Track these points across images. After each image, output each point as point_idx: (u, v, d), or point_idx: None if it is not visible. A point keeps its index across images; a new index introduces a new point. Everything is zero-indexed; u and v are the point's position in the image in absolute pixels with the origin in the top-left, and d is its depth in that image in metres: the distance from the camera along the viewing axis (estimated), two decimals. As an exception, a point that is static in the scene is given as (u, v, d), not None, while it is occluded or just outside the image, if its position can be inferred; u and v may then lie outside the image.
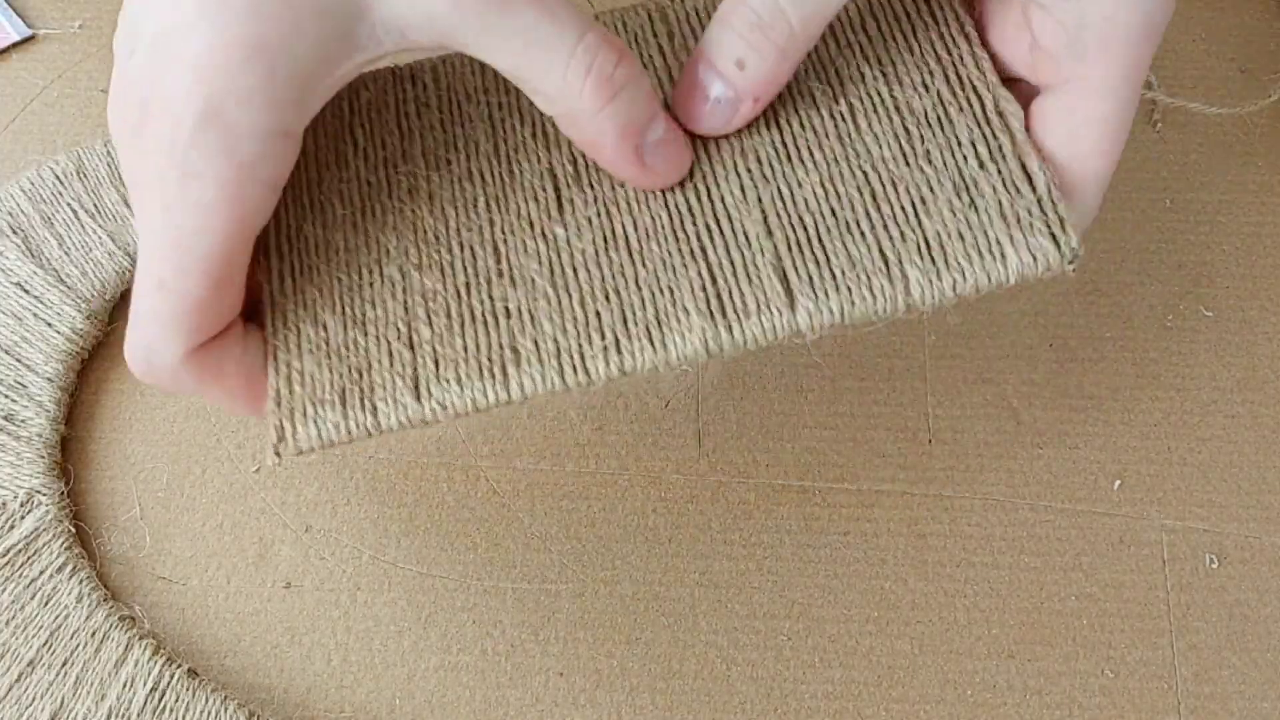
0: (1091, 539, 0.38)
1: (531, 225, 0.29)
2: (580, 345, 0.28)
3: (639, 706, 0.35)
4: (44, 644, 0.34)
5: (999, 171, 0.29)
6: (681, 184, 0.29)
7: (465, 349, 0.28)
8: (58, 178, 0.41)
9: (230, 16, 0.23)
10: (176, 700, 0.34)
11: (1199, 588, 0.37)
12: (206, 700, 0.34)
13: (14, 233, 0.40)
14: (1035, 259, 0.28)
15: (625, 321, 0.28)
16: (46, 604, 0.35)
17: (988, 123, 0.29)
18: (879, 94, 0.30)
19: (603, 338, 0.28)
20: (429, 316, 0.28)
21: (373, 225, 0.29)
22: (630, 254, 0.29)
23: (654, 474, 0.39)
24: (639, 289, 0.28)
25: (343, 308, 0.28)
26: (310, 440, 0.27)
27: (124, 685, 0.34)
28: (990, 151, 0.29)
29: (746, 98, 0.27)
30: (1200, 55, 0.51)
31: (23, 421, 0.37)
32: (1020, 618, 0.36)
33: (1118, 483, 0.39)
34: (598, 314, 0.28)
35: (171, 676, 0.34)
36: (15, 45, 0.48)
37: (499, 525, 0.38)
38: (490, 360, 0.28)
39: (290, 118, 0.25)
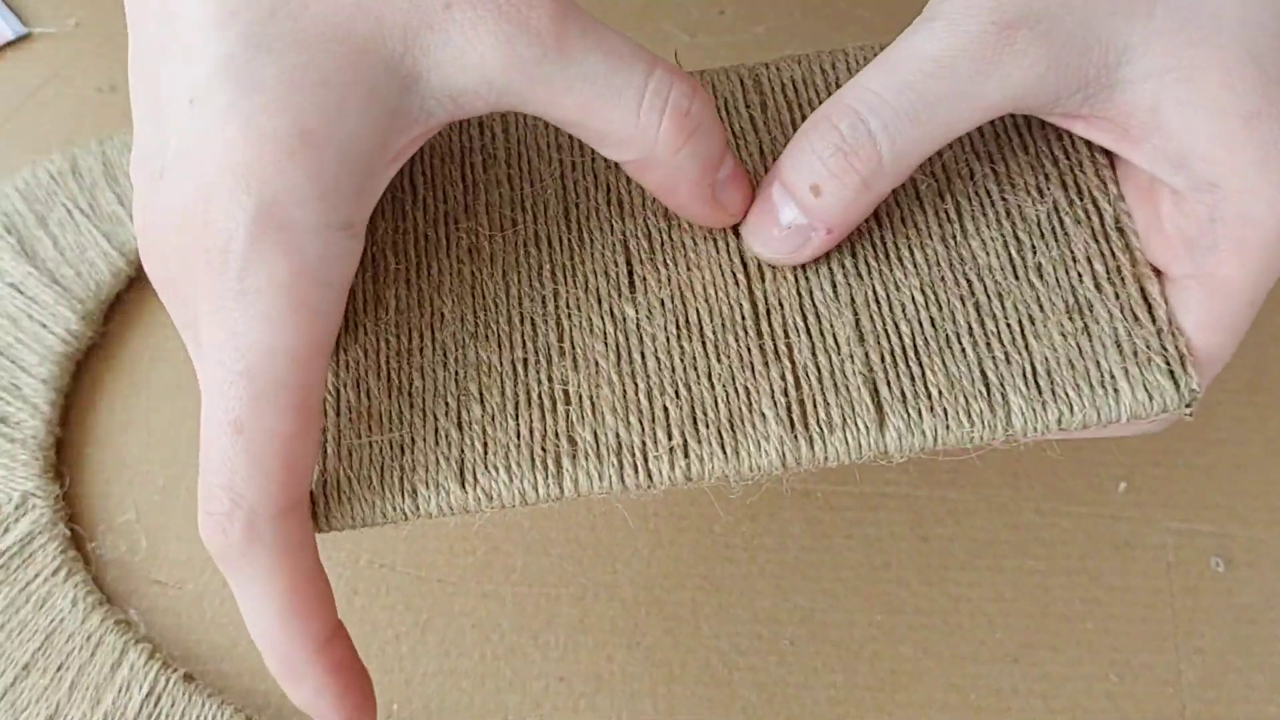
0: (1096, 542, 0.37)
1: (599, 302, 0.26)
2: (644, 443, 0.25)
3: (639, 711, 0.34)
4: (39, 648, 0.34)
5: (1116, 295, 0.26)
6: (765, 273, 0.26)
7: (518, 434, 0.25)
8: (52, 177, 0.41)
9: (266, 107, 0.21)
10: (172, 705, 0.34)
11: (1204, 591, 0.37)
12: (203, 705, 0.33)
13: (8, 233, 0.40)
14: (1151, 398, 0.25)
15: (695, 421, 0.25)
16: (41, 608, 0.35)
17: (1106, 239, 0.26)
18: (989, 194, 0.27)
19: (670, 437, 0.25)
20: (481, 393, 0.26)
21: (427, 285, 0.27)
22: (705, 345, 0.26)
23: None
24: (713, 386, 0.25)
25: (389, 373, 0.26)
26: (345, 520, 0.25)
27: (120, 690, 0.34)
28: (1108, 271, 0.26)
29: (820, 227, 0.25)
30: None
31: (17, 424, 0.37)
32: (1024, 621, 0.36)
33: (1123, 485, 0.39)
34: (665, 409, 0.25)
35: (167, 681, 0.34)
36: (10, 44, 0.47)
37: (498, 529, 0.37)
38: (544, 450, 0.25)
39: (349, 209, 0.22)
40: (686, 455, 0.25)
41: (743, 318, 0.26)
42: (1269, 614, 0.36)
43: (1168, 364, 0.25)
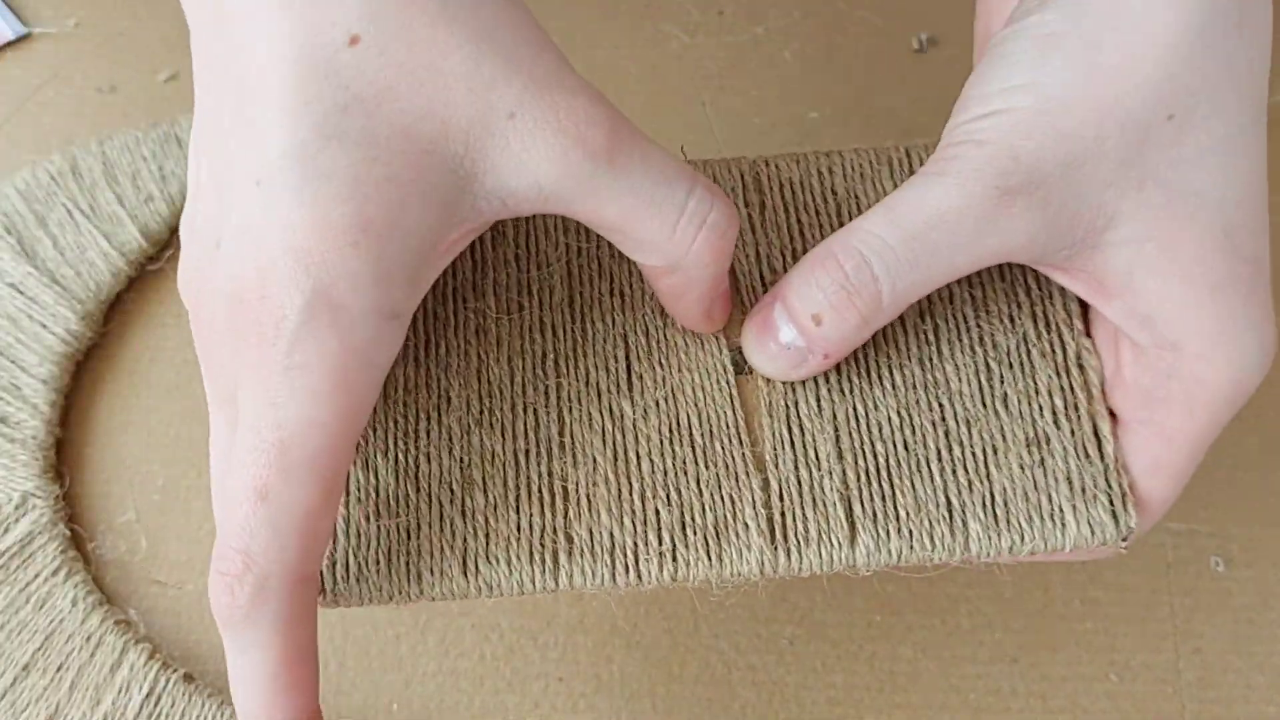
0: (1095, 542, 0.37)
1: (599, 397, 0.27)
2: (636, 544, 0.26)
3: (639, 711, 0.34)
4: (39, 648, 0.34)
5: (1072, 431, 0.27)
6: (750, 381, 0.27)
7: (518, 526, 0.26)
8: (52, 177, 0.41)
9: (332, 196, 0.22)
10: (172, 705, 0.34)
11: (1204, 591, 0.37)
12: (203, 705, 0.34)
13: (8, 233, 0.40)
14: (1093, 532, 0.26)
15: (684, 527, 0.26)
16: (41, 608, 0.35)
17: (1068, 373, 0.28)
18: (965, 319, 0.28)
19: (660, 541, 0.26)
20: (485, 481, 0.26)
21: (435, 365, 0.27)
22: (694, 451, 0.27)
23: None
24: (700, 493, 0.26)
25: (397, 455, 0.26)
26: (352, 599, 0.26)
27: (119, 690, 0.34)
28: (1066, 406, 0.27)
29: (817, 353, 0.26)
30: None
31: (16, 424, 0.37)
32: (1024, 622, 0.36)
33: (1122, 486, 0.39)
34: (657, 513, 0.26)
35: (167, 681, 0.34)
36: (10, 44, 0.47)
37: (498, 528, 0.37)
38: (543, 545, 0.26)
39: (401, 298, 0.23)
40: (675, 560, 0.26)
41: (728, 425, 0.27)
42: (1267, 614, 0.36)
43: (1110, 502, 0.27)
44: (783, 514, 0.26)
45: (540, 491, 0.26)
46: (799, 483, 0.27)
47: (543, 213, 0.24)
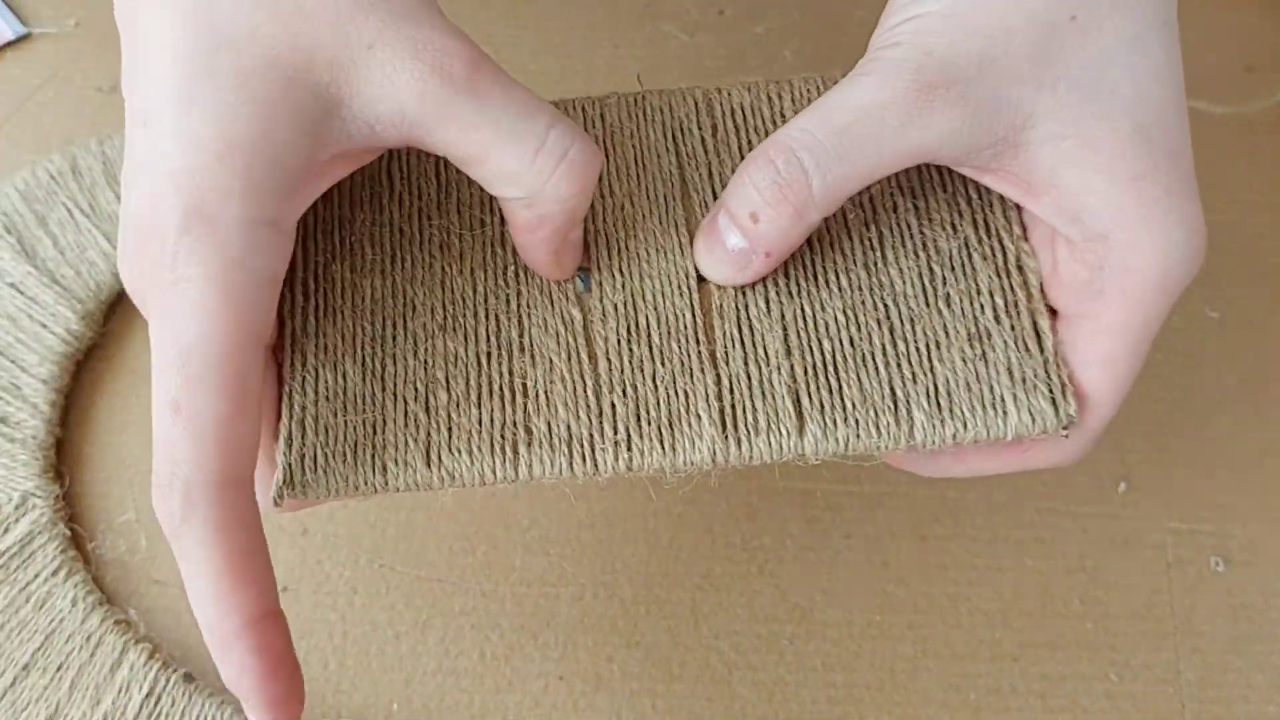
0: (1096, 541, 0.37)
1: (553, 304, 0.29)
2: (592, 435, 0.28)
3: (639, 710, 0.34)
4: (39, 648, 0.34)
5: (1012, 327, 0.29)
6: (708, 287, 0.29)
7: (480, 421, 0.28)
8: (52, 177, 0.41)
9: (201, 119, 0.24)
10: (172, 705, 0.34)
11: (1204, 590, 0.37)
12: (203, 705, 0.34)
13: (8, 233, 0.40)
14: (1034, 420, 0.28)
15: (639, 419, 0.28)
16: (41, 608, 0.35)
17: (1008, 275, 0.29)
18: (909, 226, 0.30)
19: (615, 432, 0.28)
20: (448, 381, 0.28)
21: (401, 276, 0.29)
22: (651, 350, 0.28)
23: (654, 476, 0.39)
24: (655, 387, 0.28)
25: (364, 358, 0.28)
26: (318, 490, 0.27)
27: (119, 690, 0.34)
28: (1007, 304, 0.29)
29: (759, 251, 0.27)
30: (1204, 54, 0.51)
31: (17, 424, 0.37)
32: (1024, 621, 0.36)
33: (1122, 485, 0.39)
34: (613, 406, 0.28)
35: (168, 681, 0.34)
36: (10, 44, 0.47)
37: (497, 528, 0.37)
38: (503, 437, 0.28)
39: (274, 207, 0.25)
40: (629, 449, 0.27)
41: (685, 327, 0.29)
42: (1268, 613, 0.36)
43: (1050, 391, 0.28)
44: (734, 406, 0.28)
45: (501, 390, 0.28)
46: (748, 378, 0.28)
47: (411, 142, 0.26)
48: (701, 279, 0.29)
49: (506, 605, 0.36)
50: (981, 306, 0.29)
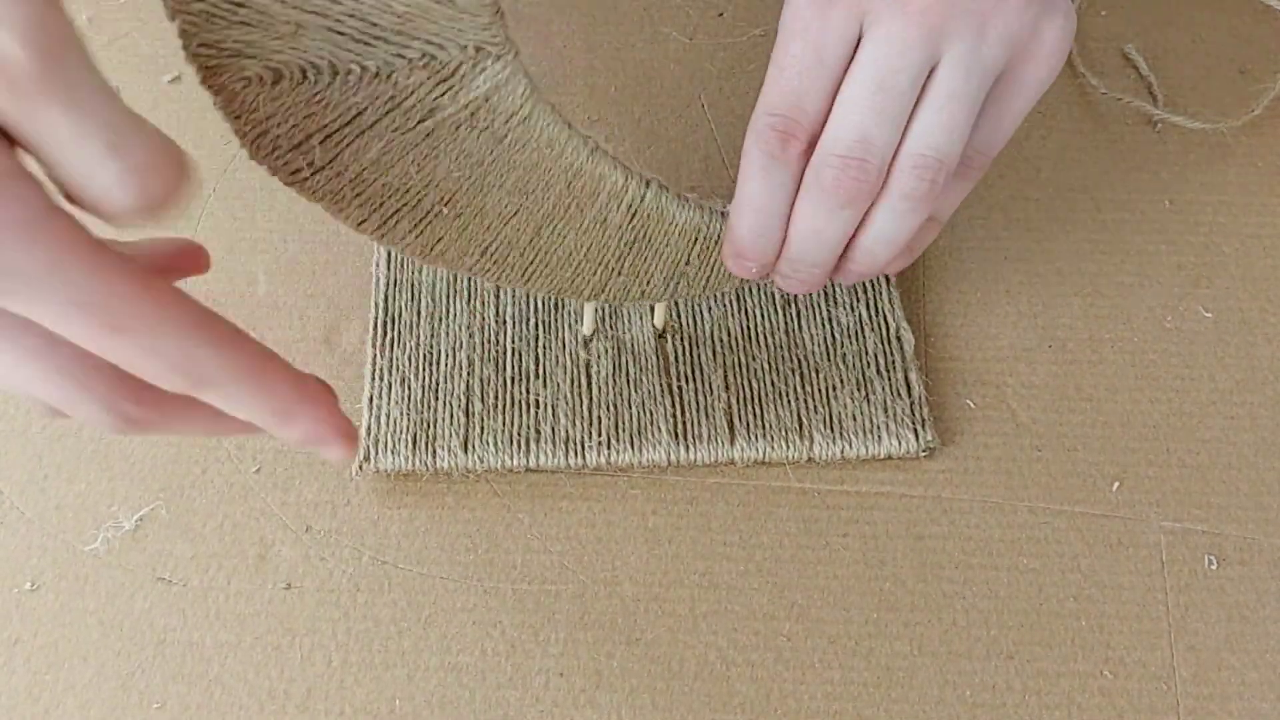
0: (1090, 540, 0.38)
1: (565, 346, 0.41)
2: (583, 438, 0.39)
3: (639, 707, 0.35)
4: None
5: (889, 380, 0.40)
6: (669, 338, 0.41)
7: (504, 424, 0.39)
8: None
9: None
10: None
11: (1198, 589, 0.37)
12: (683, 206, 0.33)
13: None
14: (900, 444, 0.39)
15: (617, 428, 0.39)
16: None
17: (889, 342, 0.41)
18: (818, 306, 0.42)
19: (600, 437, 0.39)
20: (482, 395, 0.40)
21: (450, 320, 0.41)
22: (629, 382, 0.40)
23: (654, 475, 0.39)
24: (630, 407, 0.39)
25: (424, 377, 0.40)
26: (386, 465, 0.38)
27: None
28: (887, 363, 0.41)
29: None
30: (1199, 56, 0.51)
31: None
32: (1019, 619, 0.36)
33: (1116, 484, 0.39)
34: (599, 419, 0.39)
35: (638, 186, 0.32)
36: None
37: (499, 526, 0.38)
38: (520, 435, 0.39)
39: None
40: (609, 449, 0.39)
41: (653, 367, 0.40)
42: (1261, 611, 0.37)
43: (914, 425, 0.39)
44: (685, 423, 0.39)
45: (520, 404, 0.39)
46: (697, 404, 0.40)
47: None
48: (661, 335, 0.41)
49: (508, 602, 0.36)
50: (868, 363, 0.41)
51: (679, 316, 0.42)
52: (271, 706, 0.34)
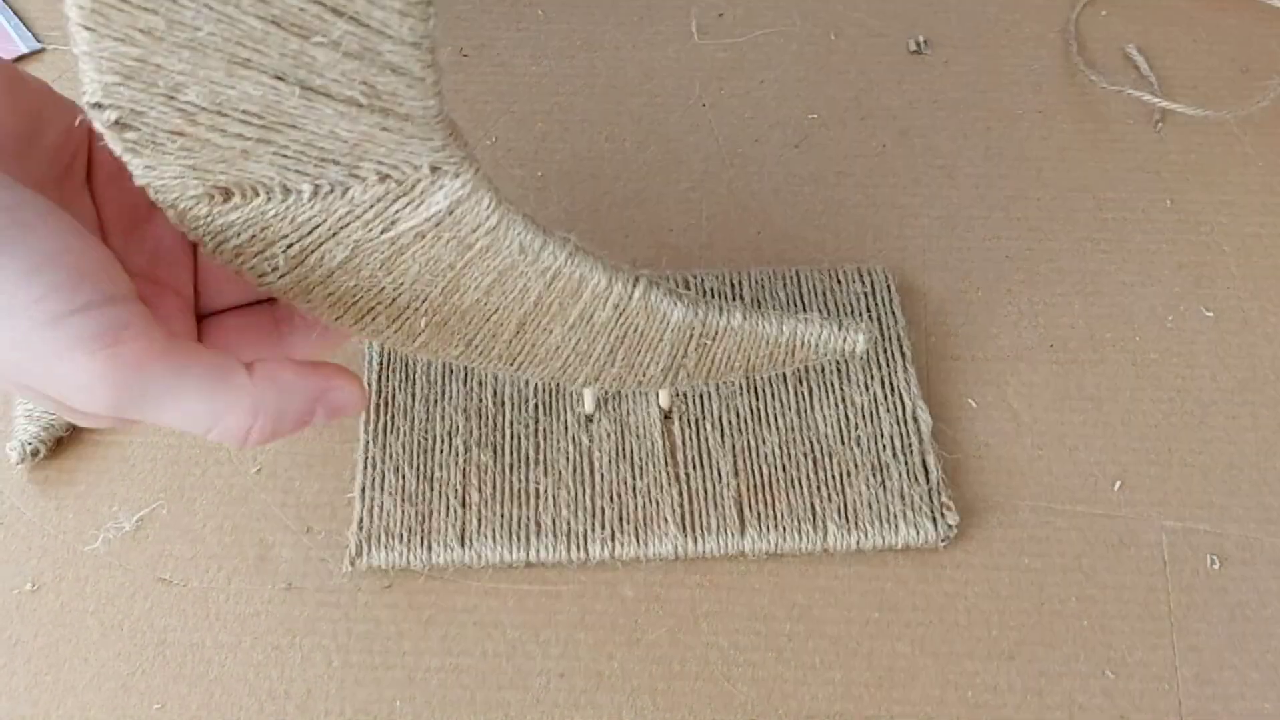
0: (1091, 540, 0.38)
1: (566, 429, 0.38)
2: (586, 530, 0.36)
3: (639, 708, 0.35)
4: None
5: (906, 464, 0.38)
6: (674, 421, 0.38)
7: (502, 516, 0.37)
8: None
9: None
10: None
11: (1200, 588, 0.37)
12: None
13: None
14: (918, 534, 0.36)
15: (621, 520, 0.37)
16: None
17: (905, 423, 0.38)
18: (832, 384, 0.39)
19: (603, 529, 0.36)
20: (480, 484, 0.37)
21: (447, 404, 0.39)
22: (633, 468, 0.38)
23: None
24: (635, 496, 0.37)
25: (418, 465, 0.38)
26: (378, 562, 0.36)
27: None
28: (903, 445, 0.38)
29: None
30: (1201, 55, 0.51)
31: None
32: (1020, 619, 0.36)
33: (1118, 484, 0.39)
34: (603, 510, 0.37)
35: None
36: (24, 57, 0.48)
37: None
38: (520, 527, 0.36)
39: None
40: (613, 542, 0.36)
41: (659, 451, 0.38)
42: (1264, 611, 0.36)
43: (933, 513, 0.37)
44: (692, 512, 0.37)
45: (519, 493, 0.37)
46: (705, 492, 0.37)
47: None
48: (666, 416, 0.39)
49: (508, 603, 0.36)
50: (884, 446, 0.38)
51: (685, 395, 0.39)
52: (271, 707, 0.34)
